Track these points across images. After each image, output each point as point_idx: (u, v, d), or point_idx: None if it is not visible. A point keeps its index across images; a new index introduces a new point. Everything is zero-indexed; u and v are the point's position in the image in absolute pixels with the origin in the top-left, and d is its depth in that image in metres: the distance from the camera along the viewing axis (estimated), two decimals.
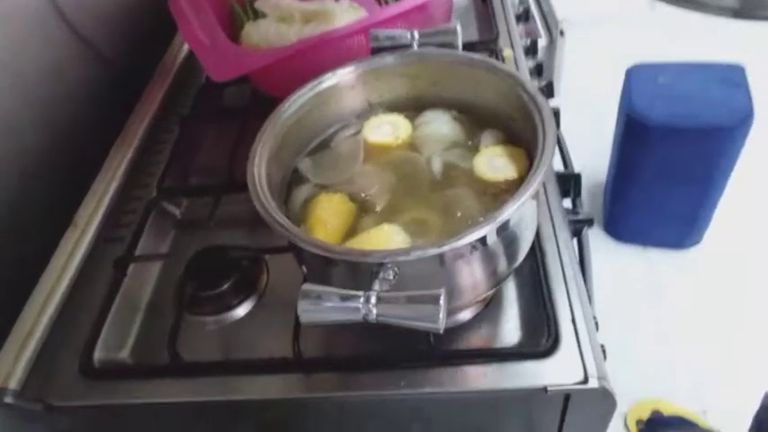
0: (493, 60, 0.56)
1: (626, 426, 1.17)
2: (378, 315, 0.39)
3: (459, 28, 0.61)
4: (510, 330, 0.58)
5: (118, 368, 0.61)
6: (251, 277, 0.66)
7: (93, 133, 0.78)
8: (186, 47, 0.96)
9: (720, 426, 1.14)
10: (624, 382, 0.75)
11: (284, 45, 0.78)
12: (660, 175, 1.28)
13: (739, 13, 2.17)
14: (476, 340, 0.58)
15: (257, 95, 0.87)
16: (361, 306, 0.40)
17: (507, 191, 0.53)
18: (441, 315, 0.38)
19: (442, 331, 0.39)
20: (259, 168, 0.51)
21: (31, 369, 0.59)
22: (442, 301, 0.38)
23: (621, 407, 1.17)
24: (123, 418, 0.61)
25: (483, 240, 0.45)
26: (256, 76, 0.83)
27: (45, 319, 0.62)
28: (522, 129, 0.55)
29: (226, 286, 0.64)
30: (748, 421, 0.98)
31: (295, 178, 0.59)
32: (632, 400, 1.19)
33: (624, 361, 1.00)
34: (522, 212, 0.47)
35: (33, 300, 0.64)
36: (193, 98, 0.88)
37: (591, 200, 1.56)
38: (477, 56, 0.57)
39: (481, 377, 0.52)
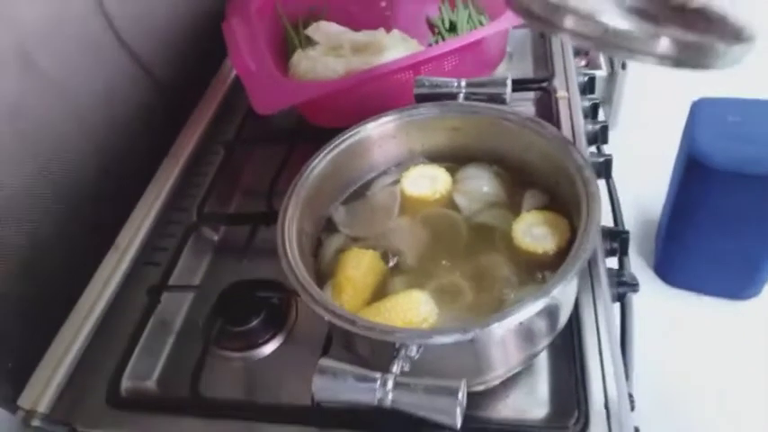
0: (542, 122, 0.54)
1: None
2: (393, 401, 0.38)
3: (509, 81, 0.58)
4: (538, 402, 0.55)
5: (143, 399, 0.61)
6: (280, 315, 0.66)
7: (141, 156, 0.80)
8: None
9: None
10: None
11: (330, 78, 0.78)
12: (721, 221, 1.21)
13: None
14: (501, 408, 0.55)
15: (304, 121, 0.87)
16: (377, 389, 0.38)
17: (546, 263, 0.50)
18: (458, 410, 0.36)
19: (458, 427, 0.37)
20: (289, 224, 0.50)
21: (61, 393, 0.61)
22: (460, 395, 0.37)
23: None
24: None
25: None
26: (302, 107, 0.82)
27: (78, 344, 0.64)
28: (567, 195, 0.52)
29: (254, 323, 0.64)
30: None
31: (328, 226, 0.58)
32: None
33: (663, 420, 0.94)
34: (559, 296, 0.45)
35: (69, 323, 0.65)
36: (239, 122, 0.89)
37: (642, 238, 1.49)
38: (525, 115, 0.55)
39: None
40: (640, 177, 1.41)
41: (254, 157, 0.86)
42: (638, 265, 1.45)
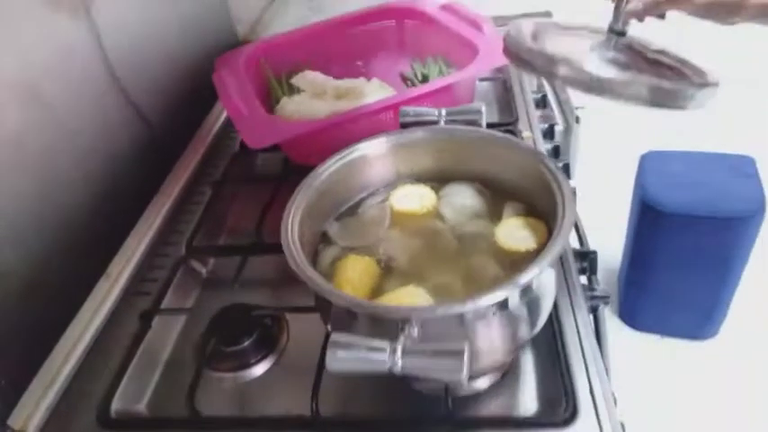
0: (515, 138, 0.60)
1: None
2: (403, 367, 0.41)
3: (483, 108, 0.65)
4: (527, 401, 0.58)
5: (134, 420, 0.61)
6: (271, 336, 0.67)
7: (133, 193, 0.83)
8: (223, 116, 1.02)
9: None
10: None
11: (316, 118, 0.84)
12: (674, 262, 1.29)
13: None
14: (493, 408, 0.58)
15: (288, 164, 0.91)
16: (387, 358, 0.41)
17: (528, 260, 0.55)
18: (464, 368, 0.39)
19: (465, 383, 0.40)
20: (292, 225, 0.53)
21: (51, 414, 0.60)
22: (465, 356, 0.40)
23: None
24: None
25: (505, 303, 0.46)
26: (288, 146, 0.88)
27: (69, 366, 0.64)
28: (543, 203, 0.58)
29: (247, 343, 0.65)
30: None
31: (323, 240, 0.62)
32: None
33: None
34: (542, 279, 0.49)
35: (60, 346, 0.66)
36: (227, 164, 0.93)
37: (606, 285, 1.56)
38: (500, 134, 0.61)
39: None
40: (599, 228, 1.50)
41: (241, 196, 0.90)
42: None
